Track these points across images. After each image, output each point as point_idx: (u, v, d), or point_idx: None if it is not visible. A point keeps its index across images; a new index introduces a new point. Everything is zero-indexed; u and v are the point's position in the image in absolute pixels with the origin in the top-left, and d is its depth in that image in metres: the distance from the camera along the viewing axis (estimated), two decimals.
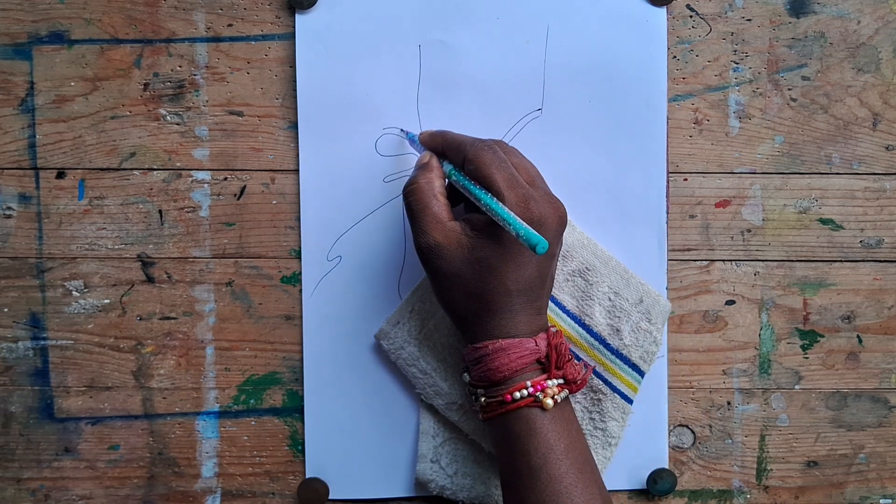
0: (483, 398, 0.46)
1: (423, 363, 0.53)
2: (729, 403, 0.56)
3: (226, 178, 0.54)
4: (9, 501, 0.55)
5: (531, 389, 0.45)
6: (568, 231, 0.53)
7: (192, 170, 0.54)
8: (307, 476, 0.55)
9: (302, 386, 0.55)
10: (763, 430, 0.56)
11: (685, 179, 0.55)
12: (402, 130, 0.54)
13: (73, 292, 0.54)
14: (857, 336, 0.56)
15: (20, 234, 0.54)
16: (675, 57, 0.54)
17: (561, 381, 0.46)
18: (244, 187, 0.54)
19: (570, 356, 0.47)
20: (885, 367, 0.56)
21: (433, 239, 0.45)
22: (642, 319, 0.53)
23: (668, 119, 0.54)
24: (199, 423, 0.55)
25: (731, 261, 0.55)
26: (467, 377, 0.48)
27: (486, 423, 0.47)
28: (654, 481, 0.55)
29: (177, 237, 0.54)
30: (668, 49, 0.54)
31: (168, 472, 0.55)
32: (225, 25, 0.54)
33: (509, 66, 0.54)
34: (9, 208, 0.54)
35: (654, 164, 0.54)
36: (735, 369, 0.56)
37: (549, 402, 0.45)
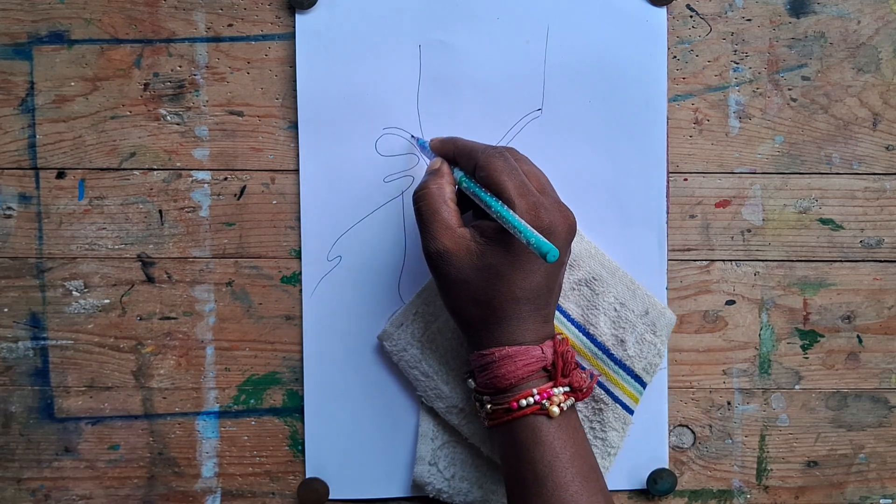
0: (489, 405, 0.46)
1: (425, 366, 0.53)
2: (729, 403, 0.56)
3: (226, 178, 0.54)
4: (9, 501, 0.55)
5: (537, 397, 0.45)
6: (576, 240, 0.53)
7: (192, 170, 0.54)
8: (307, 476, 0.55)
9: (302, 386, 0.55)
10: (763, 430, 0.56)
11: (685, 179, 0.55)
12: (412, 136, 0.53)
13: (74, 292, 0.54)
14: (858, 336, 0.56)
15: (20, 234, 0.54)
16: (675, 57, 0.54)
17: (567, 388, 0.46)
18: (244, 187, 0.54)
19: (576, 364, 0.47)
20: (886, 367, 0.56)
21: (442, 245, 0.45)
22: (647, 331, 0.53)
23: (668, 119, 0.54)
24: (199, 423, 0.55)
25: (731, 261, 0.55)
26: (472, 383, 0.48)
27: (491, 430, 0.47)
28: (654, 481, 0.55)
29: (177, 237, 0.54)
30: (669, 49, 0.54)
31: (168, 472, 0.55)
32: (225, 25, 0.54)
33: (509, 66, 0.54)
34: (9, 208, 0.54)
35: (654, 164, 0.54)
36: (735, 369, 0.56)
37: (556, 409, 0.45)
